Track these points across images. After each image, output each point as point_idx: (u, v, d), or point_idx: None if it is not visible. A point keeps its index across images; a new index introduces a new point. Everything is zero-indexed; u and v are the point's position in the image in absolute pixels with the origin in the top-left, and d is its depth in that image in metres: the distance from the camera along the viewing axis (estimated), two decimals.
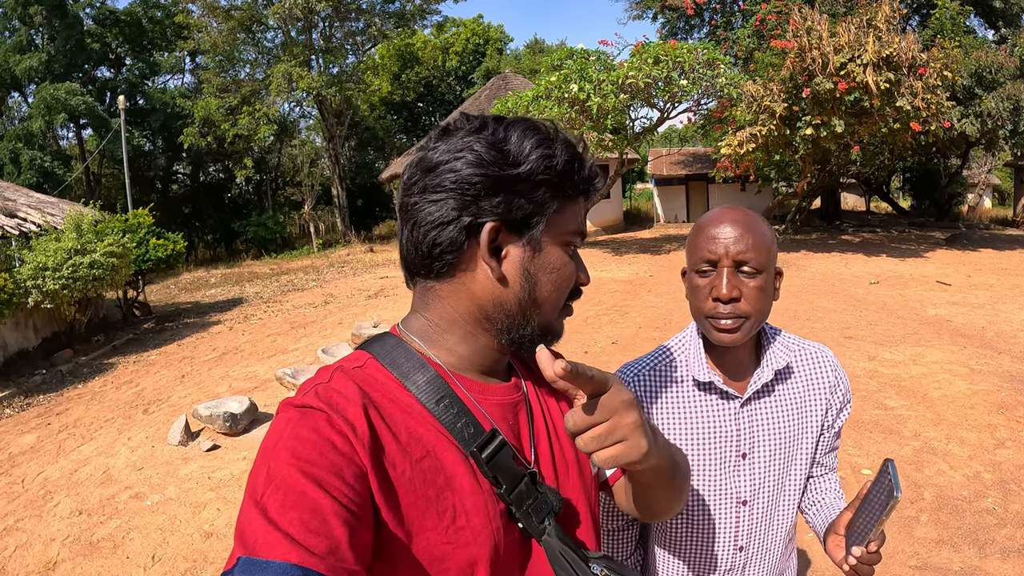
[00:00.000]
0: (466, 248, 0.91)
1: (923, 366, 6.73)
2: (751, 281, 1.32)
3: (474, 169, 0.89)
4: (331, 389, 0.85)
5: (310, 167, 30.76)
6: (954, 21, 17.84)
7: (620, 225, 25.35)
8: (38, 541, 4.35)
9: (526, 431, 1.02)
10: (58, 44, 25.90)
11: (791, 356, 1.48)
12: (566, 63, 15.90)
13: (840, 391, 1.52)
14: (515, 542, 0.94)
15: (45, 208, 12.33)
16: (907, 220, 24.59)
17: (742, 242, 1.31)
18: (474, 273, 0.93)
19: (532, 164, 0.90)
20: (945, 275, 12.49)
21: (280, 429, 0.81)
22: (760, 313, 1.34)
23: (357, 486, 0.78)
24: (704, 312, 1.36)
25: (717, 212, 1.38)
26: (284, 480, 0.75)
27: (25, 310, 9.96)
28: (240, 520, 0.75)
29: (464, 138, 0.91)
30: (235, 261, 24.51)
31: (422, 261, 0.94)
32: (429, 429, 0.89)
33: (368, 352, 0.96)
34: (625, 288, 12.09)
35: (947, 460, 4.72)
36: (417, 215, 0.92)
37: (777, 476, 1.46)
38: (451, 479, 0.88)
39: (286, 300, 13.63)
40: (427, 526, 0.84)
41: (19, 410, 7.67)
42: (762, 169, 18.47)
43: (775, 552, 1.51)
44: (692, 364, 1.45)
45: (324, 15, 26.59)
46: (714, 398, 1.44)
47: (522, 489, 0.92)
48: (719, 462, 1.44)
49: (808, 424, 1.48)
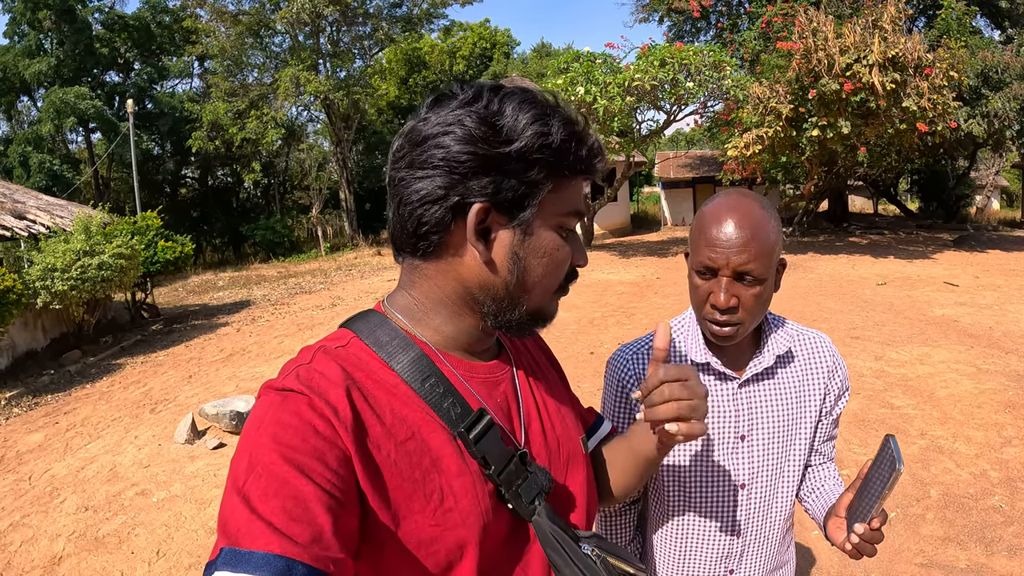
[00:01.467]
0: (453, 228, 0.87)
1: (930, 366, 6.71)
2: (751, 289, 1.30)
3: (463, 146, 0.84)
4: (313, 370, 0.83)
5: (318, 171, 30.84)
6: (960, 21, 17.77)
7: (627, 228, 25.36)
8: (44, 536, 4.38)
9: (515, 410, 1.00)
10: (67, 48, 26.06)
11: (792, 342, 1.48)
12: (572, 66, 15.95)
13: (838, 377, 1.52)
14: (505, 523, 0.92)
15: (54, 210, 12.39)
16: (915, 222, 24.47)
17: (745, 252, 1.26)
18: (461, 254, 0.90)
19: (526, 141, 0.85)
20: (953, 276, 12.44)
21: (261, 414, 0.79)
22: (756, 318, 1.34)
23: (341, 471, 0.77)
24: (701, 313, 1.36)
25: (723, 206, 1.32)
26: (266, 467, 0.74)
27: (34, 311, 10.01)
28: (223, 509, 0.74)
29: (455, 110, 0.86)
30: (243, 264, 24.57)
31: (408, 239, 0.91)
32: (414, 410, 0.87)
33: (351, 330, 0.93)
34: (632, 290, 12.12)
35: (953, 458, 4.71)
36: (403, 191, 0.88)
37: (776, 459, 1.46)
38: (437, 460, 0.86)
39: (293, 303, 13.67)
40: (414, 509, 0.83)
41: (27, 409, 7.71)
42: (769, 171, 18.44)
43: (773, 540, 1.51)
44: (690, 346, 1.46)
45: (331, 19, 26.64)
46: (711, 379, 1.45)
47: (511, 469, 0.91)
48: (717, 443, 1.44)
49: (806, 408, 1.48)
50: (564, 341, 8.26)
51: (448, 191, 0.85)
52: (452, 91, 0.90)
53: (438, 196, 0.86)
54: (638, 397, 1.00)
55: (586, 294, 11.76)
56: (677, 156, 28.47)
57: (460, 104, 0.87)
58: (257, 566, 0.67)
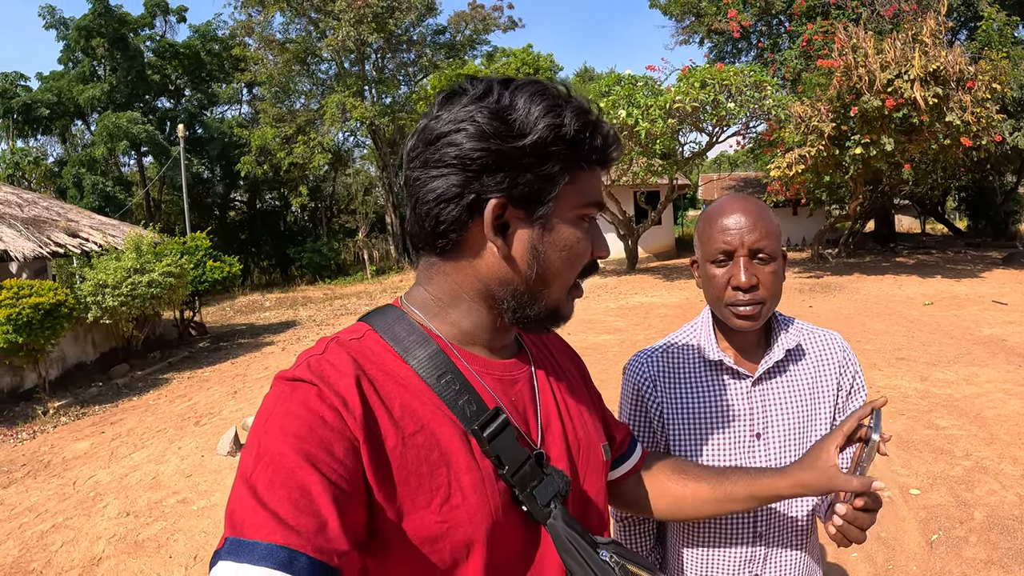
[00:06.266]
0: (470, 225, 0.87)
1: (976, 386, 6.54)
2: (766, 267, 1.36)
3: (476, 143, 0.83)
4: (324, 361, 0.83)
5: (364, 195, 31.23)
6: (1001, 32, 17.33)
7: (671, 251, 25.16)
8: (85, 538, 4.51)
9: (532, 410, 0.98)
10: (120, 75, 26.92)
11: (801, 337, 1.50)
12: (614, 89, 15.96)
13: (849, 371, 1.52)
14: (518, 525, 0.90)
15: (106, 229, 12.79)
16: (963, 240, 23.87)
17: (756, 231, 1.35)
18: (479, 251, 0.89)
19: (539, 134, 0.84)
20: (1001, 295, 12.09)
21: (271, 404, 0.80)
22: (775, 296, 1.38)
23: (348, 461, 0.76)
24: (724, 300, 1.39)
25: (725, 202, 1.41)
26: (273, 457, 0.74)
27: (84, 325, 10.34)
28: (231, 498, 0.74)
29: (467, 106, 0.85)
30: (290, 286, 24.99)
31: (426, 237, 0.90)
32: (426, 404, 0.86)
33: (368, 324, 0.93)
34: (675, 313, 12.05)
35: (999, 479, 4.56)
36: (420, 190, 0.88)
37: (793, 457, 1.44)
38: (446, 455, 0.84)
39: (339, 323, 13.86)
40: (419, 504, 0.81)
41: (75, 418, 7.94)
42: (813, 191, 18.17)
43: (797, 542, 1.49)
44: (704, 346, 1.48)
45: (376, 47, 27.07)
46: (725, 377, 1.46)
47: (526, 471, 0.89)
48: (733, 442, 1.44)
49: (820, 403, 1.48)
50: (605, 363, 8.21)
51: (463, 189, 0.85)
52: (463, 87, 0.89)
53: (454, 194, 0.85)
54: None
55: (629, 316, 11.73)
56: (721, 178, 28.26)
57: (471, 100, 0.86)
58: (260, 556, 0.67)
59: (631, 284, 16.69)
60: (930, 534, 3.90)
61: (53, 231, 11.02)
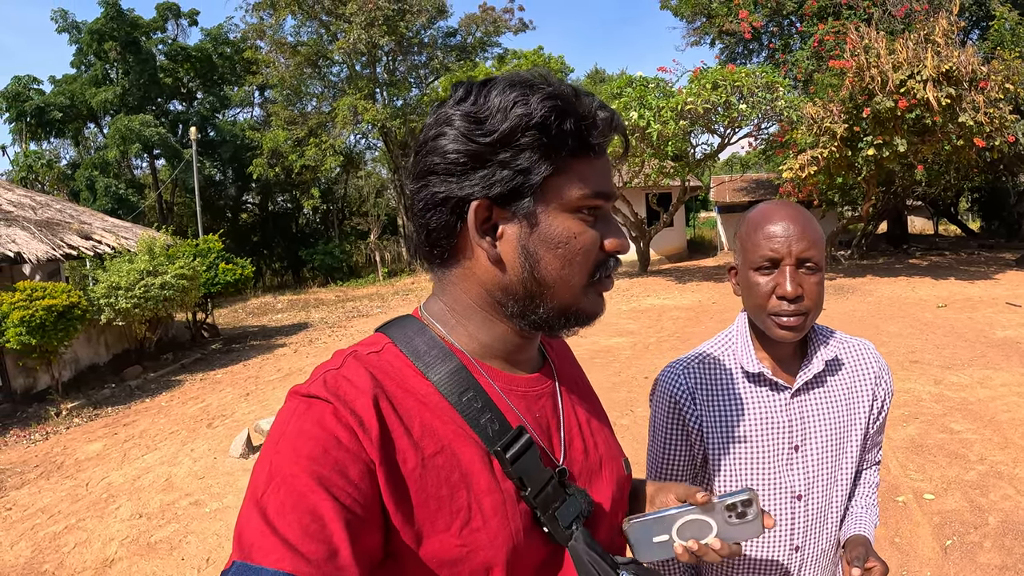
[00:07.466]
0: (459, 231, 0.85)
1: (991, 389, 6.49)
2: (812, 277, 1.33)
3: (453, 145, 0.82)
4: (341, 377, 0.81)
5: (376, 197, 31.25)
6: (1014, 32, 17.20)
7: (683, 253, 25.10)
8: (97, 540, 4.53)
9: (555, 426, 0.95)
10: (132, 78, 27.01)
11: (839, 349, 1.48)
12: (625, 91, 15.96)
13: (884, 382, 1.52)
14: (539, 546, 0.87)
15: (119, 232, 12.86)
16: (976, 241, 23.72)
17: (804, 239, 1.31)
18: (474, 256, 0.87)
19: (508, 126, 0.80)
20: (1015, 296, 11.98)
21: (285, 421, 0.77)
22: (818, 307, 1.36)
23: (362, 485, 0.74)
24: (767, 310, 1.36)
25: (771, 208, 1.37)
26: (285, 479, 0.72)
27: (97, 327, 10.40)
28: (240, 519, 0.72)
29: (447, 110, 0.84)
30: (302, 288, 25.08)
31: (422, 248, 0.89)
32: (446, 423, 0.83)
33: (387, 336, 0.90)
34: (687, 315, 12.02)
35: (1014, 484, 4.52)
36: (414, 201, 0.87)
37: (830, 469, 1.45)
38: (467, 476, 0.82)
39: (351, 325, 13.91)
40: (438, 527, 0.79)
41: (88, 420, 7.99)
42: (825, 193, 18.07)
43: (829, 552, 1.50)
44: (741, 356, 1.45)
45: (387, 50, 27.07)
46: (764, 389, 1.44)
47: (548, 492, 0.86)
48: (772, 454, 1.43)
49: (857, 415, 1.47)
50: (618, 366, 8.14)
51: (446, 194, 0.83)
52: (450, 92, 0.88)
53: (439, 201, 0.84)
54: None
55: (641, 319, 11.70)
56: (733, 180, 28.13)
57: (452, 104, 0.85)
58: None
59: (643, 286, 16.66)
60: (944, 539, 3.87)
61: (66, 233, 11.10)
